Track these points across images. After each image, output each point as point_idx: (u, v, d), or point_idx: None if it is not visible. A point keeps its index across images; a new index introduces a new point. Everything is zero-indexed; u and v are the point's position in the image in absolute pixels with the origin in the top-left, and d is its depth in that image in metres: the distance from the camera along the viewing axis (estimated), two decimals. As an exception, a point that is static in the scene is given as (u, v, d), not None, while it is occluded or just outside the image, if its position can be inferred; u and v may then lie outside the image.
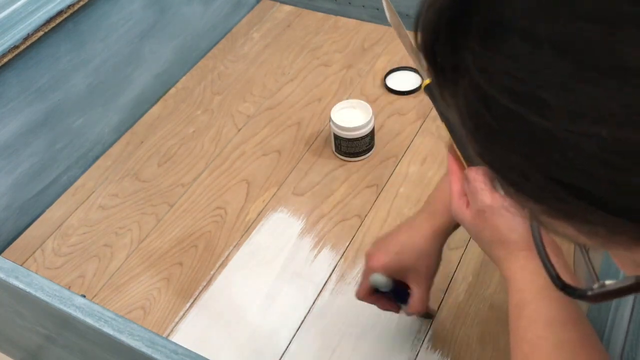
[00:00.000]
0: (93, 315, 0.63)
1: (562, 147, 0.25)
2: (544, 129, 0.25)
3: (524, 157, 0.26)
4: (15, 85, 0.98)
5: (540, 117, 0.24)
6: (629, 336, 0.59)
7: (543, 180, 0.26)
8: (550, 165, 0.25)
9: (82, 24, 1.06)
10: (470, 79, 0.26)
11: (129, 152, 1.16)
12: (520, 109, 0.25)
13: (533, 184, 0.27)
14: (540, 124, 0.25)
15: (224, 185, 1.08)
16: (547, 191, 0.26)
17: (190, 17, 1.28)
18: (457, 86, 0.27)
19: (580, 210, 0.26)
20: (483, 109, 0.26)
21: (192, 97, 1.25)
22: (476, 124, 0.27)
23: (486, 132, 0.27)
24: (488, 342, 0.83)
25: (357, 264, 0.94)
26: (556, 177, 0.26)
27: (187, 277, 0.95)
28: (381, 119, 1.15)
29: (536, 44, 0.24)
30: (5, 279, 0.68)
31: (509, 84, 0.25)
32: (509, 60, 0.25)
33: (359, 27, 1.36)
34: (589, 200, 0.25)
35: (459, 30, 0.26)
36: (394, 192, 1.03)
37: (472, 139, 0.28)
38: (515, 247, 0.56)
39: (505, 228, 0.56)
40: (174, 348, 0.60)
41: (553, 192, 0.26)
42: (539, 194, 0.27)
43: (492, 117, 0.26)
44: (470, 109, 0.27)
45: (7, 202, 1.02)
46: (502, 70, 0.25)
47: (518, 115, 0.25)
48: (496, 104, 0.25)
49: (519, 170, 0.27)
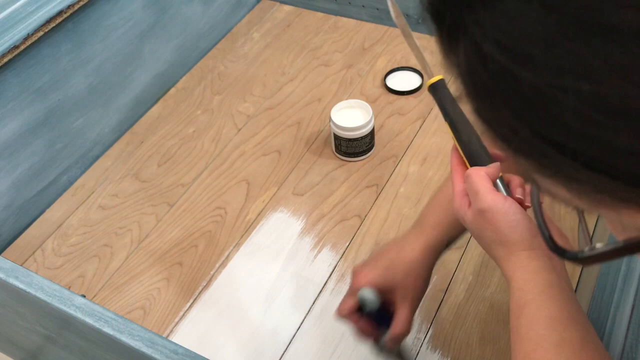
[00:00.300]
0: (93, 315, 0.63)
1: (546, 102, 0.26)
2: (531, 84, 0.26)
3: (513, 113, 0.27)
4: (15, 85, 0.98)
5: (528, 72, 0.26)
6: (629, 336, 0.59)
7: (530, 135, 0.27)
8: (536, 120, 0.27)
9: (82, 24, 1.06)
10: (469, 37, 0.28)
11: (129, 152, 1.16)
12: (511, 64, 0.26)
13: (522, 139, 0.28)
14: (527, 78, 0.26)
15: (224, 185, 1.08)
16: (534, 147, 0.28)
17: (190, 17, 1.28)
18: (459, 44, 0.28)
19: (565, 166, 0.27)
20: (480, 66, 0.27)
21: (192, 97, 1.25)
22: (474, 81, 0.29)
23: (482, 89, 0.28)
24: (488, 342, 0.83)
25: (357, 264, 0.94)
26: (541, 133, 0.27)
27: (187, 277, 0.95)
28: (381, 119, 1.15)
29: (527, 1, 0.25)
30: (5, 279, 0.68)
31: (502, 39, 0.26)
32: (503, 17, 0.26)
33: (359, 27, 1.36)
34: (572, 156, 0.27)
35: None
36: (394, 192, 1.03)
37: (470, 96, 0.30)
38: (516, 247, 0.56)
39: (506, 228, 0.56)
40: (174, 348, 0.60)
41: (539, 148, 0.27)
42: (528, 150, 0.28)
43: (488, 74, 0.27)
44: (469, 66, 0.28)
45: (7, 202, 1.02)
46: (496, 26, 0.26)
47: (509, 70, 0.26)
48: (491, 61, 0.27)
49: (509, 126, 0.28)
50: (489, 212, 0.56)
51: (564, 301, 0.53)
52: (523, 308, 0.54)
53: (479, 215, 0.57)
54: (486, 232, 0.57)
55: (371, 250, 0.95)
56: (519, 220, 0.56)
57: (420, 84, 1.20)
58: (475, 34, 0.27)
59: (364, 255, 0.95)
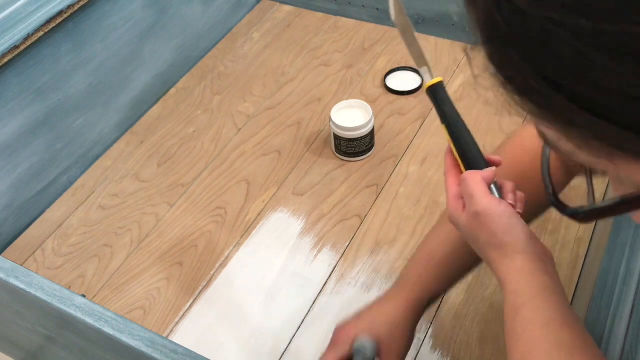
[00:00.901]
0: (93, 315, 0.63)
1: (548, 40, 0.27)
2: (537, 22, 0.27)
3: (521, 53, 0.29)
4: (15, 85, 0.98)
5: (534, 8, 0.27)
6: (628, 336, 0.59)
7: (533, 75, 0.29)
8: (539, 59, 0.28)
9: (82, 24, 1.06)
10: None
11: (129, 152, 1.16)
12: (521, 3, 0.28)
13: (526, 80, 0.29)
14: (535, 15, 0.27)
15: (224, 185, 1.08)
16: (537, 88, 0.29)
17: (190, 17, 1.28)
18: None
19: (563, 109, 0.29)
20: (495, 10, 0.29)
21: (192, 97, 1.26)
22: (489, 27, 0.31)
23: (495, 32, 0.30)
24: (488, 342, 0.83)
25: (357, 264, 0.94)
26: (543, 72, 0.28)
27: (187, 277, 0.95)
28: (381, 119, 1.15)
29: None
30: (5, 279, 0.68)
31: None
32: None
33: (359, 27, 1.36)
34: (570, 98, 0.28)
35: None
36: (394, 192, 1.03)
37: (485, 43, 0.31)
38: (511, 250, 0.56)
39: (501, 231, 0.56)
40: (174, 348, 0.60)
41: (542, 89, 0.29)
42: (531, 91, 0.30)
43: (501, 17, 0.29)
44: (486, 13, 0.30)
45: (7, 202, 1.02)
46: None
47: (517, 8, 0.28)
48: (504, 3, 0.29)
49: (516, 68, 0.30)
50: (484, 215, 0.56)
51: (559, 304, 0.53)
52: (518, 310, 0.54)
53: (474, 218, 0.57)
54: (481, 235, 0.57)
55: (370, 251, 0.95)
56: (513, 223, 0.56)
57: (421, 84, 1.20)
58: None
59: (364, 255, 0.95)
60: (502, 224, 0.56)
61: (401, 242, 0.96)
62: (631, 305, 0.61)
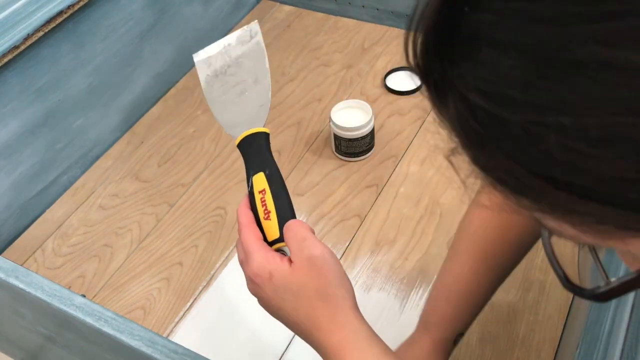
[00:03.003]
0: (93, 315, 0.63)
1: (533, 140, 0.27)
2: (517, 125, 0.27)
3: (506, 155, 0.28)
4: (15, 85, 0.98)
5: (512, 114, 0.27)
6: (629, 336, 0.59)
7: (525, 174, 0.28)
8: (527, 159, 0.28)
9: (82, 24, 1.06)
10: (456, 90, 0.29)
11: (129, 152, 1.16)
12: (496, 109, 0.27)
13: (518, 180, 0.29)
14: (513, 120, 0.27)
15: (224, 185, 1.08)
16: (530, 185, 0.28)
17: (190, 17, 1.28)
18: (448, 98, 0.30)
19: (563, 200, 0.28)
20: (469, 116, 0.29)
21: (192, 97, 1.26)
22: (466, 131, 0.30)
23: (475, 137, 0.29)
24: (488, 342, 0.83)
25: (357, 263, 0.94)
26: (535, 170, 0.28)
27: (187, 277, 0.95)
28: (381, 119, 1.15)
29: (503, 49, 0.27)
30: (5, 279, 0.68)
31: (484, 87, 0.28)
32: (483, 67, 0.28)
33: (359, 27, 1.36)
34: (567, 189, 0.27)
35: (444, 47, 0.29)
36: (394, 192, 1.03)
37: (465, 147, 0.31)
38: (343, 304, 0.52)
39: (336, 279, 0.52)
40: (174, 348, 0.60)
41: (536, 186, 0.28)
42: (526, 190, 0.29)
43: (477, 122, 0.28)
44: (460, 117, 0.30)
45: (7, 202, 1.02)
46: (478, 77, 0.28)
47: (495, 115, 0.28)
48: (478, 109, 0.28)
49: (504, 169, 0.29)
50: (321, 259, 0.53)
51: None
52: None
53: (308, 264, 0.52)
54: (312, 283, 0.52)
55: (370, 252, 0.95)
56: (344, 274, 0.54)
57: (421, 84, 1.20)
58: (460, 87, 0.29)
59: (364, 255, 0.95)
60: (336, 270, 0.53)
61: (401, 242, 0.96)
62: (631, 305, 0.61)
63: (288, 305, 0.53)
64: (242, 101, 0.65)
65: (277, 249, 0.58)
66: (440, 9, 0.29)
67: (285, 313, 0.54)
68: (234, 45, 0.67)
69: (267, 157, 0.62)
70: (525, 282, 0.88)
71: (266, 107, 0.65)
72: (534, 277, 0.89)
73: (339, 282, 0.53)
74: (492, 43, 0.28)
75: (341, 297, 0.52)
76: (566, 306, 0.86)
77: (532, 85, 0.26)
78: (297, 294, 0.53)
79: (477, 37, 0.28)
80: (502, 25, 0.27)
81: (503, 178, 0.30)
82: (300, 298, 0.52)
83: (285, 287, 0.53)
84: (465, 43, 0.28)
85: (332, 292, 0.52)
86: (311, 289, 0.52)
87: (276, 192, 0.59)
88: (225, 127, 0.65)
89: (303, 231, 0.55)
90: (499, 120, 0.28)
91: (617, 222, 0.28)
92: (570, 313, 0.84)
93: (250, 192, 0.60)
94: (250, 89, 0.65)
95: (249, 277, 0.56)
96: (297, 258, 0.53)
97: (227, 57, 0.66)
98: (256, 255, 0.55)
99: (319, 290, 0.52)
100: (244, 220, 0.58)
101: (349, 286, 0.54)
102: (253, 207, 0.60)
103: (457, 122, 0.30)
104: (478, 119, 0.28)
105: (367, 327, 0.53)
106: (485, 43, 0.28)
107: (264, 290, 0.54)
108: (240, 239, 0.57)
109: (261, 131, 0.63)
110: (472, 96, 0.28)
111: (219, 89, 0.66)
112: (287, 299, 0.53)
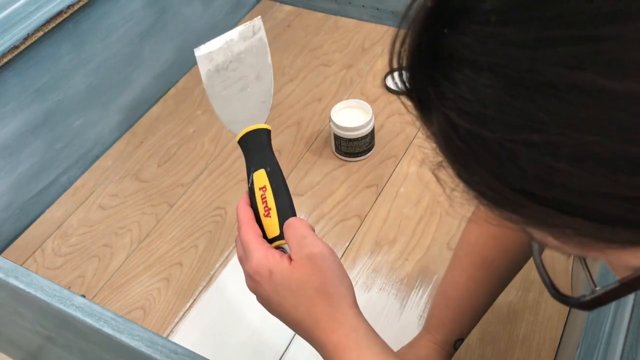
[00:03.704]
0: (93, 315, 0.63)
1: (509, 156, 0.28)
2: (494, 142, 0.28)
3: (486, 170, 0.30)
4: (15, 85, 0.97)
5: (489, 132, 0.28)
6: (629, 336, 0.59)
7: (504, 189, 0.29)
8: (505, 174, 0.29)
9: (82, 24, 1.06)
10: (438, 108, 0.30)
11: (129, 152, 1.16)
12: (474, 127, 0.29)
13: (498, 194, 0.30)
14: (490, 137, 0.28)
15: (224, 185, 1.08)
16: (510, 200, 0.30)
17: (190, 17, 1.28)
18: (432, 116, 0.31)
19: (541, 214, 0.29)
20: (451, 133, 0.30)
21: (192, 97, 1.25)
22: (449, 147, 0.31)
23: (457, 153, 0.31)
24: (488, 343, 0.83)
25: (357, 264, 0.94)
26: (513, 185, 0.29)
27: (187, 277, 0.95)
28: (381, 119, 1.15)
29: (478, 70, 0.28)
30: (5, 279, 0.68)
31: (463, 106, 0.29)
32: (461, 86, 0.29)
33: (359, 27, 1.36)
34: (544, 204, 0.29)
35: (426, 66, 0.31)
36: (394, 192, 1.03)
37: (449, 162, 0.32)
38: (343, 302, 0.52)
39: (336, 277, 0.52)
40: (174, 348, 0.60)
41: (515, 200, 0.29)
42: (506, 204, 0.30)
43: (459, 139, 0.30)
44: (443, 134, 0.31)
45: (7, 202, 1.02)
46: (457, 96, 0.29)
47: (474, 133, 0.29)
48: (458, 127, 0.29)
49: (485, 184, 0.30)
50: (321, 257, 0.53)
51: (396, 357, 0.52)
52: None
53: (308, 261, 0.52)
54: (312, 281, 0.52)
55: (370, 252, 0.95)
56: (344, 272, 0.54)
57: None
58: (442, 105, 0.30)
59: (364, 255, 0.95)
60: (337, 269, 0.53)
61: (401, 242, 0.96)
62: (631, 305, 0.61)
63: (287, 303, 0.53)
64: (244, 97, 0.65)
65: (276, 246, 0.58)
66: (422, 31, 0.31)
67: (284, 311, 0.54)
68: (236, 41, 0.66)
69: (269, 154, 0.61)
70: (525, 282, 0.88)
71: (268, 103, 0.64)
72: (534, 277, 0.89)
73: (339, 280, 0.53)
74: (469, 64, 0.29)
75: (341, 295, 0.52)
76: (566, 307, 0.85)
77: (505, 104, 0.28)
78: (296, 292, 0.52)
79: (456, 58, 0.29)
80: (478, 47, 0.28)
81: (484, 192, 0.31)
82: (299, 296, 0.52)
83: (285, 284, 0.53)
84: (445, 63, 0.30)
85: (332, 290, 0.52)
86: (311, 287, 0.52)
87: (277, 189, 0.59)
88: (225, 123, 0.65)
89: (303, 229, 0.55)
90: (478, 138, 0.29)
91: (593, 234, 0.29)
92: (571, 313, 0.84)
93: (250, 188, 0.60)
94: (252, 85, 0.65)
95: (248, 274, 0.55)
96: (297, 256, 0.53)
97: (229, 52, 0.66)
98: (256, 253, 0.54)
99: (319, 288, 0.52)
100: (243, 217, 0.58)
101: (349, 284, 0.54)
102: (253, 204, 0.60)
103: (441, 138, 0.31)
104: (459, 135, 0.30)
105: (366, 326, 0.53)
106: (463, 64, 0.29)
107: (264, 288, 0.54)
108: (239, 235, 0.57)
109: (262, 127, 0.63)
110: (452, 114, 0.29)
111: (220, 84, 0.65)
112: (286, 297, 0.53)
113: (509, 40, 0.28)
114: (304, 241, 0.54)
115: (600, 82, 0.26)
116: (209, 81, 0.66)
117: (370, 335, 0.52)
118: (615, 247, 0.29)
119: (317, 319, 0.52)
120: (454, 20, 0.29)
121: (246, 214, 0.58)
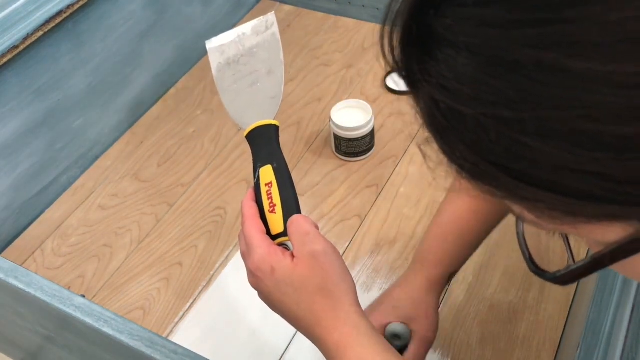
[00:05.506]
0: (93, 315, 0.63)
1: (484, 131, 0.30)
2: (471, 117, 0.30)
3: (464, 144, 0.31)
4: (15, 85, 0.97)
5: (466, 107, 0.30)
6: (629, 336, 0.59)
7: (481, 162, 0.31)
8: (481, 147, 0.31)
9: (82, 24, 1.06)
10: (423, 85, 0.32)
11: (129, 152, 1.16)
12: (454, 103, 0.31)
13: (474, 166, 0.32)
14: (468, 113, 0.30)
15: (224, 185, 1.08)
16: (486, 172, 0.32)
17: (190, 17, 1.28)
18: (419, 93, 0.33)
19: (513, 186, 0.31)
20: (433, 108, 0.32)
21: (192, 97, 1.25)
22: (432, 122, 0.33)
23: (440, 128, 0.33)
24: (488, 343, 0.83)
25: (357, 264, 0.94)
26: (487, 158, 0.31)
27: (187, 277, 0.95)
28: (381, 119, 1.15)
29: (458, 50, 0.30)
30: (5, 279, 0.68)
31: (444, 83, 0.31)
32: (443, 64, 0.31)
33: (359, 27, 1.36)
34: (515, 177, 0.30)
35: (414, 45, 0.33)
36: (394, 192, 1.03)
37: (433, 136, 0.34)
38: (345, 299, 0.52)
39: (338, 274, 0.52)
40: (174, 348, 0.60)
41: (490, 173, 0.31)
42: (482, 176, 0.32)
43: (439, 114, 0.32)
44: (428, 110, 0.33)
45: (7, 202, 1.02)
46: (439, 73, 0.31)
47: (453, 108, 0.31)
48: (440, 102, 0.31)
49: (464, 157, 0.32)
50: (324, 254, 0.53)
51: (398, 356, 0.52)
52: None
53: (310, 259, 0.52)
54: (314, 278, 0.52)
55: (370, 252, 0.95)
56: (346, 270, 0.54)
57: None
58: (426, 82, 0.32)
59: (364, 255, 0.95)
60: (339, 267, 0.53)
61: (401, 242, 0.96)
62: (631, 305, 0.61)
63: (289, 300, 0.53)
64: (254, 92, 0.65)
65: (279, 243, 0.57)
66: (411, 12, 0.33)
67: (286, 308, 0.54)
68: (248, 35, 0.66)
69: (276, 150, 0.61)
70: (525, 282, 0.88)
71: (278, 99, 0.64)
72: (535, 277, 0.88)
73: (341, 278, 0.53)
74: (450, 44, 0.31)
75: (343, 293, 0.52)
76: (567, 306, 0.85)
77: (481, 82, 0.30)
78: (298, 289, 0.52)
79: (439, 38, 0.31)
80: (458, 28, 0.30)
81: (463, 165, 0.33)
82: (301, 293, 0.52)
83: (287, 281, 0.53)
84: (430, 43, 0.32)
85: (334, 288, 0.52)
86: (313, 284, 0.52)
87: (283, 185, 0.59)
88: (234, 117, 0.64)
89: (306, 226, 0.55)
90: (456, 113, 0.31)
91: (561, 208, 0.30)
92: (571, 313, 0.84)
93: (256, 184, 0.60)
94: (262, 80, 0.65)
95: (250, 271, 0.55)
96: (299, 253, 0.53)
97: (241, 46, 0.66)
98: (258, 249, 0.54)
99: (321, 286, 0.52)
100: (248, 212, 0.58)
101: (351, 282, 0.54)
102: (258, 200, 0.59)
103: (427, 113, 0.33)
104: (441, 111, 0.32)
105: (368, 324, 0.53)
106: (445, 44, 0.31)
107: (265, 284, 0.54)
108: (243, 231, 0.57)
109: (271, 123, 0.62)
110: (435, 90, 0.31)
111: (231, 78, 0.65)
112: (288, 294, 0.53)
113: (484, 22, 0.29)
114: (307, 238, 0.54)
115: (562, 62, 0.27)
116: (219, 74, 0.65)
117: (371, 332, 0.52)
118: (583, 221, 0.31)
119: (318, 317, 0.52)
120: (440, 2, 0.31)
121: (251, 210, 0.58)
